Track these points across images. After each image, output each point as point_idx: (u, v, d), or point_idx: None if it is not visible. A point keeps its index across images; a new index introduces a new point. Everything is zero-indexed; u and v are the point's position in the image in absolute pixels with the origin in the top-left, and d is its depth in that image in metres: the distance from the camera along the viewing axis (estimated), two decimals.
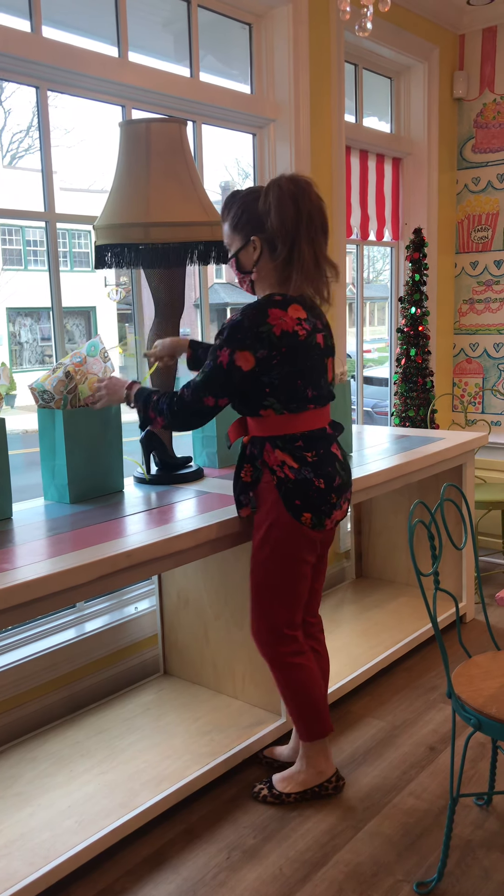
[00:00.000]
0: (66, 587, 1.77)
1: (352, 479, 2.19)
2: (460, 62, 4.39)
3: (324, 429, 2.11)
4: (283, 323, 1.96)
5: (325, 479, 2.06)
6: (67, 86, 2.63)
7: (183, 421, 2.06)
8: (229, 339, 1.96)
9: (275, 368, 1.97)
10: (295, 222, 1.94)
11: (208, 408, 2.03)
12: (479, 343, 4.54)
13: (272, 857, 2.05)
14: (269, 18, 3.32)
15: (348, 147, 3.85)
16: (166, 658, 2.86)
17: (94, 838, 1.98)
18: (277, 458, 2.05)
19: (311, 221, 1.96)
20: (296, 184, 1.96)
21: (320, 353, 2.06)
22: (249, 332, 1.94)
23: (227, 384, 1.99)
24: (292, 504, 2.05)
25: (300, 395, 2.02)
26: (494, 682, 1.90)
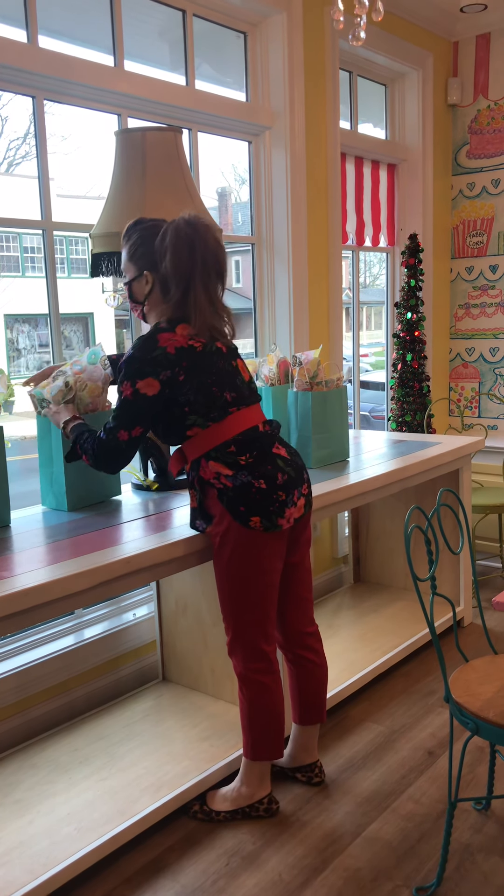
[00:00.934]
0: (65, 594, 1.77)
1: (305, 474, 2.15)
2: (454, 69, 4.41)
3: (255, 428, 2.08)
4: (175, 341, 1.98)
5: (266, 479, 2.02)
6: (63, 95, 2.65)
7: (105, 461, 2.04)
8: (128, 373, 1.99)
9: (185, 384, 1.99)
10: (189, 267, 1.98)
11: (124, 443, 2.01)
12: (476, 347, 4.56)
13: (271, 863, 2.05)
14: (263, 27, 3.34)
15: (343, 154, 3.87)
16: (165, 664, 2.86)
17: (93, 845, 1.98)
18: (211, 469, 2.03)
19: (206, 266, 2.00)
20: (193, 227, 1.99)
21: (225, 357, 2.07)
22: (144, 361, 1.97)
23: (136, 414, 2.00)
24: (237, 511, 2.01)
25: (219, 401, 2.03)
26: (492, 686, 1.91)
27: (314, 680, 2.33)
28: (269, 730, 2.16)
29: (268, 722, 2.15)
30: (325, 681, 2.36)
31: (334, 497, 2.54)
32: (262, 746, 2.17)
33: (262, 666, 2.13)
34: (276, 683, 2.15)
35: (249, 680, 2.13)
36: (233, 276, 26.80)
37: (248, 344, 3.69)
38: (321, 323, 3.65)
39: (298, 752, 2.38)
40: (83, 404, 2.34)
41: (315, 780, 2.37)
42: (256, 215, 3.50)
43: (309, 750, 2.38)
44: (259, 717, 2.15)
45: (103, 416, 2.39)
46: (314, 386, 2.87)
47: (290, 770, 2.40)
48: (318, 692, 2.34)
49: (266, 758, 2.19)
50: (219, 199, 20.51)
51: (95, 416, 2.37)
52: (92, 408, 2.37)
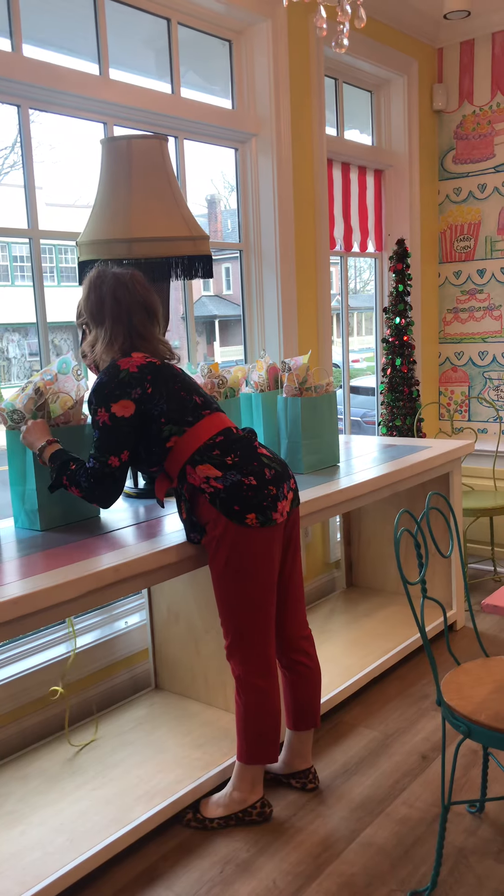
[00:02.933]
0: (54, 603, 1.77)
1: (289, 470, 2.17)
2: (439, 75, 4.44)
3: (230, 429, 2.11)
4: (134, 361, 2.07)
5: (255, 475, 2.04)
6: (49, 104, 2.65)
7: (101, 491, 2.03)
8: (99, 399, 2.03)
9: (154, 395, 2.04)
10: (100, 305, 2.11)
11: (117, 469, 2.02)
12: (465, 352, 4.58)
13: (265, 870, 2.04)
14: (248, 35, 3.36)
15: (330, 160, 3.88)
16: (157, 672, 2.85)
17: (85, 856, 1.97)
18: (200, 474, 2.03)
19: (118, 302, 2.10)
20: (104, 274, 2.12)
21: (182, 372, 2.16)
22: (113, 385, 2.03)
23: (120, 438, 2.02)
24: (232, 511, 2.01)
25: (190, 404, 2.08)
26: (483, 689, 1.91)
27: (308, 685, 2.32)
28: (264, 734, 2.15)
29: (264, 726, 2.14)
30: (318, 686, 2.35)
31: (325, 502, 2.54)
32: (257, 750, 2.16)
33: (261, 669, 2.12)
34: (273, 688, 2.15)
35: (248, 684, 2.12)
36: (223, 283, 26.75)
37: (237, 350, 3.69)
38: (310, 328, 3.66)
39: (292, 759, 2.37)
40: (55, 415, 2.27)
41: (309, 787, 2.36)
42: (244, 222, 3.51)
43: (303, 756, 2.37)
44: (255, 720, 2.14)
45: (77, 430, 2.30)
46: (303, 391, 2.87)
47: (284, 776, 2.39)
48: (313, 697, 2.33)
49: (260, 762, 2.18)
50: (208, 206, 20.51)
51: (69, 429, 2.28)
52: (64, 420, 2.29)
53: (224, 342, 22.84)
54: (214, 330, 23.01)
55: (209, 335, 23.32)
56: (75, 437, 2.31)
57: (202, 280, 2.82)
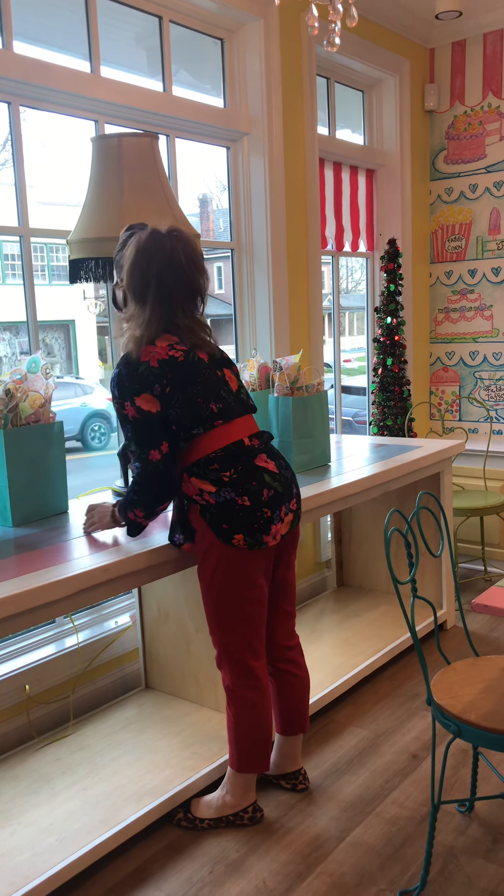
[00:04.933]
0: (43, 603, 1.76)
1: (294, 488, 2.10)
2: (431, 75, 4.45)
3: (240, 442, 2.01)
4: (156, 354, 1.93)
5: (250, 496, 1.97)
6: (40, 101, 2.64)
7: (151, 492, 1.97)
8: (121, 393, 1.94)
9: (171, 396, 1.93)
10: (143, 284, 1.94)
11: (160, 462, 1.95)
12: (455, 351, 4.59)
13: (255, 870, 2.04)
14: (240, 34, 3.35)
15: (322, 159, 3.88)
16: (148, 672, 2.85)
17: (74, 856, 1.96)
18: (195, 486, 1.98)
19: (161, 283, 1.94)
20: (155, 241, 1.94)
21: (208, 367, 2.01)
22: (133, 378, 1.92)
23: (153, 431, 1.94)
24: (220, 529, 1.97)
25: (204, 413, 1.96)
26: (473, 688, 1.91)
27: (296, 692, 2.31)
28: (255, 744, 2.14)
29: (255, 736, 2.14)
30: (306, 692, 2.34)
31: (316, 501, 2.54)
32: (249, 759, 2.15)
33: (249, 682, 2.10)
34: (263, 699, 2.13)
35: (237, 695, 2.11)
36: (215, 282, 26.84)
37: (228, 350, 3.69)
38: (301, 328, 3.66)
39: (282, 761, 2.38)
40: (25, 414, 2.28)
41: (300, 787, 2.36)
42: (235, 221, 3.50)
43: (293, 758, 2.37)
44: (246, 731, 2.13)
45: (47, 428, 2.31)
46: (295, 391, 2.87)
47: (274, 777, 2.39)
48: (300, 703, 2.32)
49: (252, 770, 2.18)
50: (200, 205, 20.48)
51: (39, 427, 2.30)
52: (34, 419, 2.30)
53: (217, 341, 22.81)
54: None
55: None
56: (45, 435, 2.32)
57: None
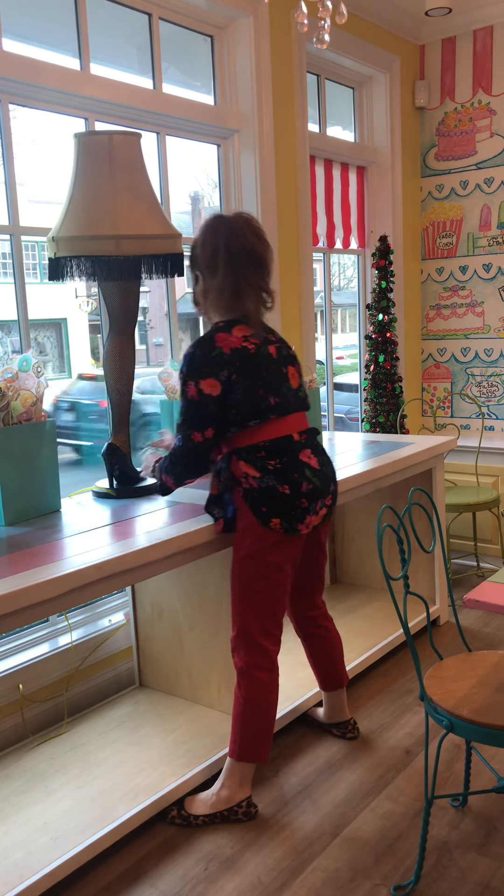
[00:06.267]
0: (36, 602, 1.76)
1: (332, 486, 2.22)
2: (421, 72, 4.45)
3: (289, 437, 2.15)
4: (230, 342, 2.07)
5: (291, 486, 2.10)
6: (29, 99, 2.63)
7: (183, 467, 2.13)
8: (189, 371, 2.07)
9: (237, 384, 2.06)
10: (212, 254, 2.10)
11: (200, 445, 2.09)
12: (447, 348, 4.60)
13: (250, 866, 2.04)
14: (230, 31, 3.35)
15: (313, 156, 3.88)
16: (141, 670, 2.85)
17: (69, 855, 1.96)
18: (241, 469, 2.12)
19: (231, 253, 2.09)
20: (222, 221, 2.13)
21: (276, 362, 2.15)
22: (204, 360, 2.06)
23: (203, 414, 2.07)
24: (259, 511, 2.10)
25: (262, 405, 2.09)
26: (465, 683, 1.92)
27: (327, 647, 2.49)
28: (259, 731, 2.18)
29: (259, 722, 2.18)
30: (337, 649, 2.52)
31: None
32: (250, 748, 2.19)
33: (262, 663, 2.18)
34: (273, 683, 2.21)
35: (249, 675, 2.17)
36: None
37: None
38: (294, 325, 3.66)
39: (332, 712, 2.60)
40: (17, 413, 2.27)
41: (349, 735, 2.58)
42: None
43: (341, 709, 2.59)
44: (252, 715, 2.17)
45: (39, 426, 2.32)
46: None
47: (326, 725, 2.62)
48: (335, 659, 2.51)
49: (252, 760, 2.20)
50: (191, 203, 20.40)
51: (31, 426, 2.30)
52: (26, 417, 2.30)
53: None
54: (198, 326, 22.98)
55: (193, 332, 23.33)
56: (37, 434, 2.32)
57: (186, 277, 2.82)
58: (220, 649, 2.57)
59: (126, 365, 2.57)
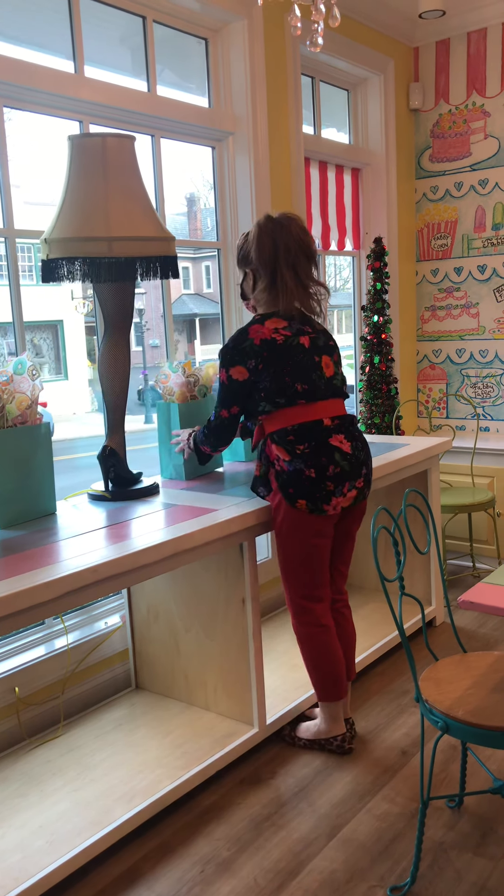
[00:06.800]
0: (32, 604, 1.76)
1: (364, 469, 2.38)
2: (415, 74, 4.46)
3: (319, 422, 2.32)
4: (261, 333, 2.31)
5: (317, 469, 2.28)
6: (23, 102, 2.63)
7: (215, 437, 2.50)
8: (222, 361, 2.37)
9: (263, 372, 2.30)
10: (272, 254, 2.32)
11: (226, 419, 2.43)
12: (442, 349, 4.61)
13: (246, 868, 2.05)
14: (224, 33, 3.35)
15: (307, 158, 3.89)
16: (138, 672, 2.85)
17: (65, 858, 1.96)
18: (274, 452, 2.34)
19: (288, 251, 2.32)
20: (272, 220, 2.35)
21: (306, 352, 2.34)
22: (235, 350, 2.32)
23: (230, 395, 2.37)
24: (287, 492, 2.31)
25: (289, 390, 2.30)
26: (461, 684, 1.92)
27: (341, 636, 2.59)
28: (326, 675, 2.46)
29: (325, 668, 2.45)
30: (352, 640, 2.64)
31: None
32: (325, 690, 2.49)
33: (308, 620, 2.44)
34: (326, 634, 2.45)
35: (301, 632, 2.46)
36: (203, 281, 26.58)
37: (216, 349, 3.69)
38: None
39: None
40: (11, 416, 2.28)
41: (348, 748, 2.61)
42: (222, 220, 3.51)
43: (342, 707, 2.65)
44: (316, 664, 2.46)
45: (34, 429, 2.32)
46: None
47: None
48: (346, 650, 2.60)
49: (331, 699, 2.49)
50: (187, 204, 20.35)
51: (26, 429, 2.29)
52: (21, 420, 2.30)
53: (205, 340, 22.85)
54: (195, 328, 23.02)
55: (190, 333, 23.31)
56: (32, 437, 2.32)
57: (182, 279, 2.84)
58: (216, 651, 2.57)
59: (121, 367, 2.57)
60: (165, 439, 2.82)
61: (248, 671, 2.49)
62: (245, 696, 2.51)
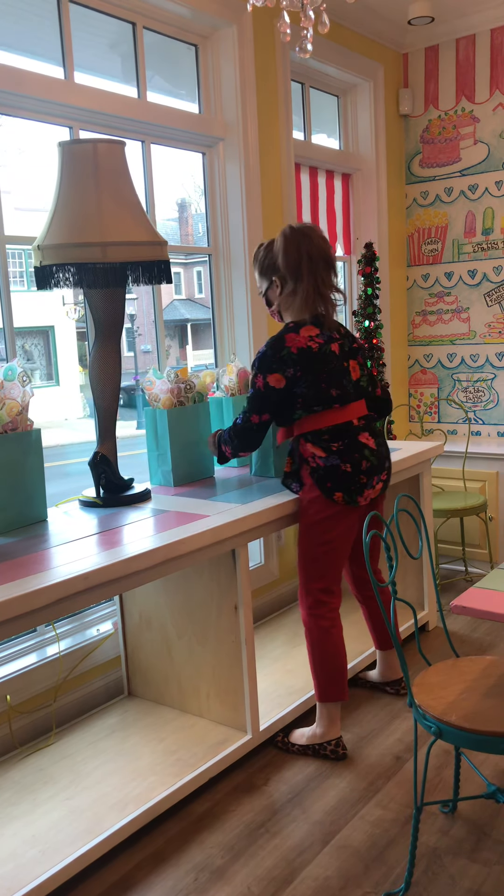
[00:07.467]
0: (23, 612, 1.75)
1: (387, 463, 2.54)
2: (405, 80, 4.48)
3: (349, 422, 2.46)
4: (297, 342, 2.40)
5: (352, 464, 2.42)
6: (13, 108, 2.63)
7: (240, 441, 2.53)
8: (260, 367, 2.43)
9: (301, 380, 2.40)
10: (297, 261, 2.42)
11: (255, 425, 2.48)
12: (433, 354, 4.62)
13: (240, 876, 2.04)
14: (214, 40, 3.36)
15: (298, 164, 3.90)
16: (130, 679, 2.84)
17: (58, 867, 1.94)
18: (309, 450, 2.46)
19: (311, 259, 2.42)
20: (297, 230, 2.45)
21: (337, 358, 2.46)
22: (274, 358, 2.40)
23: (265, 403, 2.45)
24: (325, 486, 2.43)
25: (325, 396, 2.42)
26: (453, 689, 1.92)
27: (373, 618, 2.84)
28: (331, 674, 2.50)
29: (330, 666, 2.50)
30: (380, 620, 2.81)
31: (297, 505, 2.54)
32: (326, 689, 2.52)
33: (320, 612, 2.51)
34: (335, 629, 2.52)
35: (311, 623, 2.52)
36: (195, 287, 26.56)
37: (210, 354, 3.69)
38: None
39: (385, 671, 2.94)
40: (2, 423, 2.26)
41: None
42: (212, 226, 3.51)
43: (393, 668, 2.93)
44: (322, 660, 2.50)
45: (25, 436, 2.31)
46: None
47: (380, 684, 2.94)
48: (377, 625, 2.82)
49: (332, 699, 2.52)
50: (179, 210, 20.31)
51: (17, 435, 2.29)
52: (11, 427, 2.29)
53: (197, 345, 22.85)
54: (187, 333, 23.01)
55: (182, 338, 23.31)
56: (23, 443, 2.31)
57: (174, 284, 2.85)
58: (208, 657, 2.56)
59: (112, 372, 2.56)
60: (153, 446, 2.81)
61: (240, 677, 2.48)
62: (238, 702, 2.50)
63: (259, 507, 2.45)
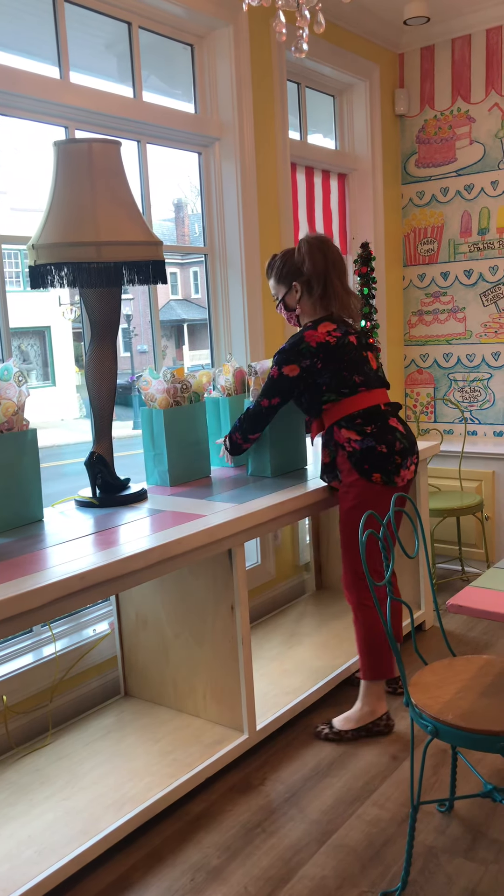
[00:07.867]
0: (19, 612, 1.74)
1: (415, 447, 2.63)
2: (401, 80, 4.49)
3: (378, 406, 2.58)
4: (316, 337, 2.55)
5: (387, 445, 2.53)
6: (8, 107, 2.63)
7: (249, 423, 2.70)
8: (278, 361, 2.59)
9: (322, 370, 2.54)
10: (324, 266, 2.59)
11: (265, 408, 2.65)
12: (430, 354, 4.62)
13: (236, 876, 2.04)
14: (210, 39, 3.36)
15: (294, 164, 3.90)
16: (126, 679, 2.83)
17: (54, 868, 1.94)
18: (343, 435, 2.56)
19: (335, 264, 2.60)
20: (318, 238, 2.63)
21: (355, 348, 2.59)
22: (291, 352, 2.56)
23: (276, 389, 2.61)
24: (362, 469, 2.53)
25: (349, 382, 2.55)
26: (450, 688, 1.92)
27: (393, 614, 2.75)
28: (380, 652, 2.58)
29: (377, 643, 2.58)
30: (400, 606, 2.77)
31: (293, 505, 2.55)
32: (372, 667, 2.61)
33: (366, 595, 2.59)
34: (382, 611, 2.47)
35: (360, 606, 2.60)
36: (191, 287, 26.56)
37: (206, 354, 3.69)
38: (276, 331, 3.67)
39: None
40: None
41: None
42: (208, 226, 3.51)
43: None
44: (369, 638, 2.59)
45: (20, 436, 2.31)
46: None
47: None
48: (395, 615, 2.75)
49: (380, 677, 2.61)
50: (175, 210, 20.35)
51: (12, 435, 2.28)
52: (7, 427, 2.28)
53: (193, 345, 22.84)
54: (183, 334, 22.99)
55: (178, 339, 23.29)
56: (18, 443, 2.31)
57: (170, 285, 2.86)
58: (205, 657, 2.56)
59: (107, 372, 2.56)
60: (150, 446, 2.81)
61: (237, 677, 2.48)
62: (234, 702, 2.50)
63: (255, 506, 2.44)
